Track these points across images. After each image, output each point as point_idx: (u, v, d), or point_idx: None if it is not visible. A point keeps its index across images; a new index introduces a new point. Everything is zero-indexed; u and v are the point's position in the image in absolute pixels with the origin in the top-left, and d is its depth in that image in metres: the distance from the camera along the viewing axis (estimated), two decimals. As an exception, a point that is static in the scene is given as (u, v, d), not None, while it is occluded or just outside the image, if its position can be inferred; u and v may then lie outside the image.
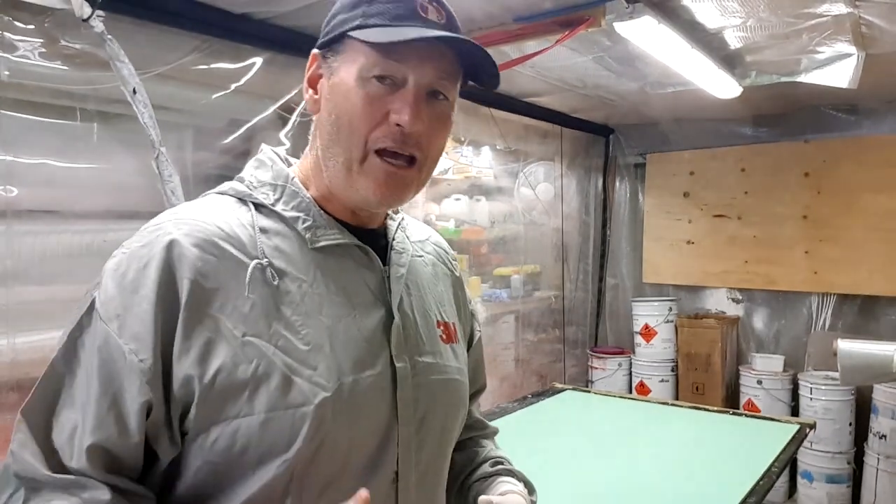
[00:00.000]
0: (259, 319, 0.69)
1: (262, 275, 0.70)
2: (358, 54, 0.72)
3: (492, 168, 3.72)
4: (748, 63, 2.70)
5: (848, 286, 3.61)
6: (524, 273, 3.82)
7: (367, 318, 0.76)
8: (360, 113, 0.72)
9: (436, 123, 0.75)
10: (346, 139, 0.73)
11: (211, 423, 0.67)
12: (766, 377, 3.68)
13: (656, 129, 4.18)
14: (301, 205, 0.76)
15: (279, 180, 0.78)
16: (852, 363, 2.11)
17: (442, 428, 0.82)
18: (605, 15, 2.06)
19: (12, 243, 1.75)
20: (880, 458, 3.24)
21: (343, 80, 0.73)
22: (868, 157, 3.52)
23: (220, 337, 0.67)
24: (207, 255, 0.69)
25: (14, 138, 1.75)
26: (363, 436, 0.73)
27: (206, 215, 0.72)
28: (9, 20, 1.70)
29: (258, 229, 0.73)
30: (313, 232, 0.75)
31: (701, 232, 4.07)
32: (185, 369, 0.66)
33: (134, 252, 0.69)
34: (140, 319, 0.66)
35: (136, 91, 1.77)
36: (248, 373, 0.67)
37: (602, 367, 4.20)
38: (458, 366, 0.86)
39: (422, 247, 0.90)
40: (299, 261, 0.74)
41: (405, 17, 0.72)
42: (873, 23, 2.23)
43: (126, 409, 0.65)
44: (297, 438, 0.67)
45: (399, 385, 0.76)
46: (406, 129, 0.71)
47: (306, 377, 0.69)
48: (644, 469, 2.04)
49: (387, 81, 0.72)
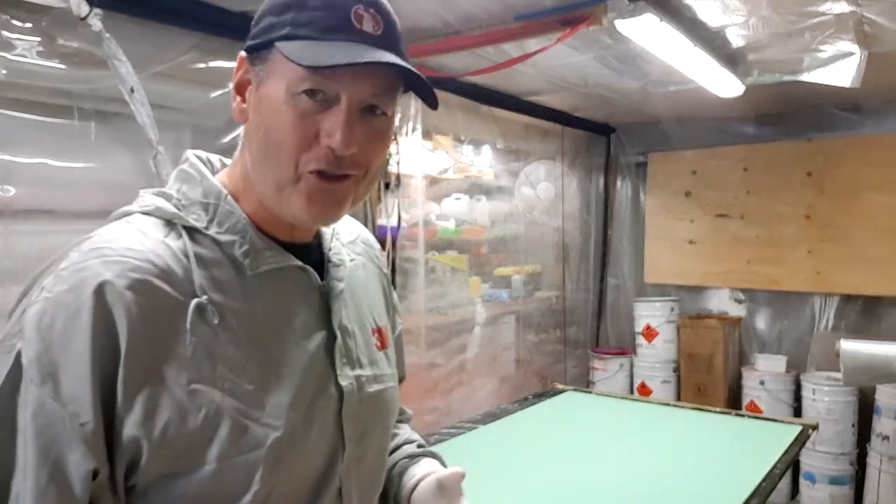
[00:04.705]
0: (203, 363, 0.64)
1: (203, 314, 0.65)
2: (287, 68, 0.66)
3: (492, 167, 3.71)
4: (750, 62, 2.69)
5: (851, 286, 3.59)
6: (525, 273, 3.81)
7: (309, 341, 0.73)
8: (289, 132, 0.66)
9: (373, 139, 0.69)
10: (275, 159, 0.67)
11: (160, 477, 0.63)
12: (769, 378, 3.67)
13: (658, 128, 4.17)
14: (237, 226, 0.70)
15: (210, 198, 0.71)
16: (855, 364, 2.09)
17: (380, 436, 0.83)
18: (607, 13, 2.05)
19: (9, 243, 1.74)
20: (883, 460, 3.23)
21: (271, 94, 0.67)
22: (871, 156, 3.50)
23: (165, 389, 0.62)
24: (143, 298, 0.62)
25: (11, 137, 1.74)
26: (313, 461, 0.72)
27: (135, 248, 0.64)
28: (6, 18, 1.69)
29: (193, 259, 0.67)
30: (252, 258, 0.70)
31: (703, 232, 4.06)
32: (130, 429, 0.61)
33: (59, 298, 0.61)
34: (76, 377, 0.59)
35: (133, 90, 1.77)
36: (197, 422, 0.63)
37: (603, 368, 4.18)
38: (392, 371, 0.85)
39: (353, 248, 0.87)
40: (237, 291, 0.69)
41: (337, 29, 0.66)
42: (876, 21, 2.22)
43: (69, 478, 0.60)
44: (253, 482, 0.65)
45: (345, 404, 0.75)
46: (338, 153, 0.66)
47: (256, 419, 0.66)
48: (646, 470, 2.03)
49: (318, 97, 0.66)
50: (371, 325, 0.85)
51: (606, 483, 1.94)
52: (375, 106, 0.69)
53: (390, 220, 2.75)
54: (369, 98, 0.68)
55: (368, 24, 0.67)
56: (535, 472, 2.02)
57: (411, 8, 2.17)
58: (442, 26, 2.33)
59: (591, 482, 1.95)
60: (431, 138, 3.17)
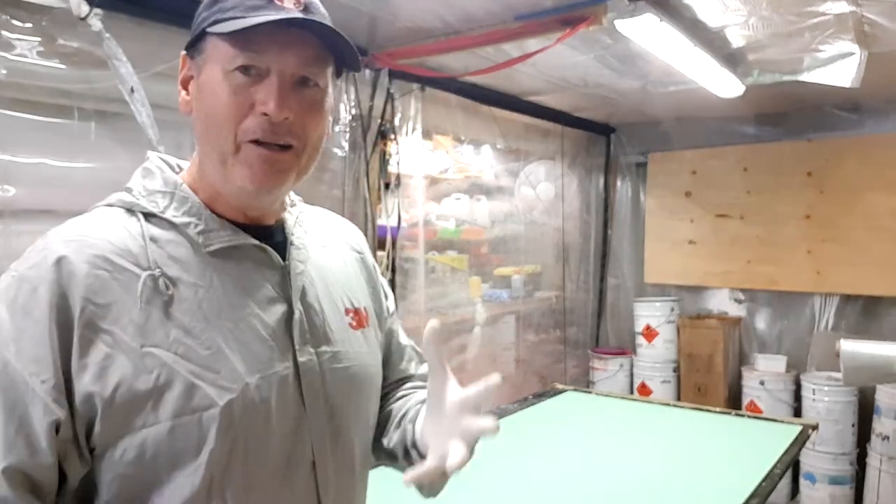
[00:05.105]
0: (157, 329, 0.69)
1: (155, 285, 0.71)
2: (218, 51, 0.73)
3: (492, 167, 3.71)
4: (750, 62, 2.69)
5: (851, 286, 3.59)
6: (525, 273, 3.81)
7: (268, 315, 0.77)
8: (226, 106, 0.72)
9: (308, 110, 0.75)
10: (216, 134, 0.73)
11: (117, 437, 0.68)
12: (769, 378, 3.67)
13: (658, 129, 4.17)
14: (192, 209, 0.77)
15: (168, 187, 0.78)
16: (855, 364, 2.09)
17: (356, 413, 0.85)
18: (607, 13, 2.05)
19: (9, 243, 1.74)
20: (883, 460, 3.23)
21: (209, 78, 0.74)
22: (871, 156, 3.50)
23: (118, 351, 0.67)
24: (98, 271, 0.69)
25: (11, 137, 1.74)
26: (276, 432, 0.74)
27: (93, 230, 0.72)
28: (6, 19, 1.69)
29: (148, 239, 0.73)
30: (206, 235, 0.76)
31: (703, 232, 4.06)
32: (85, 386, 0.66)
33: (23, 275, 0.69)
34: (36, 342, 0.66)
35: (134, 90, 1.77)
36: (149, 383, 0.67)
37: (603, 368, 4.18)
38: (369, 350, 0.88)
39: (326, 237, 0.91)
40: (194, 266, 0.74)
41: (259, 8, 0.72)
42: (876, 21, 2.22)
43: (34, 430, 0.65)
44: (207, 441, 0.69)
45: (303, 378, 0.77)
46: (273, 118, 0.72)
47: (210, 381, 0.70)
48: (646, 470, 2.03)
49: (251, 72, 0.72)
50: (345, 306, 0.87)
51: (606, 483, 1.94)
52: (307, 78, 0.75)
53: (390, 220, 2.75)
54: (299, 69, 0.74)
55: (289, 2, 0.73)
56: (535, 471, 2.02)
57: (411, 8, 2.17)
58: (442, 26, 2.33)
59: (591, 482, 1.95)
60: (431, 138, 3.17)
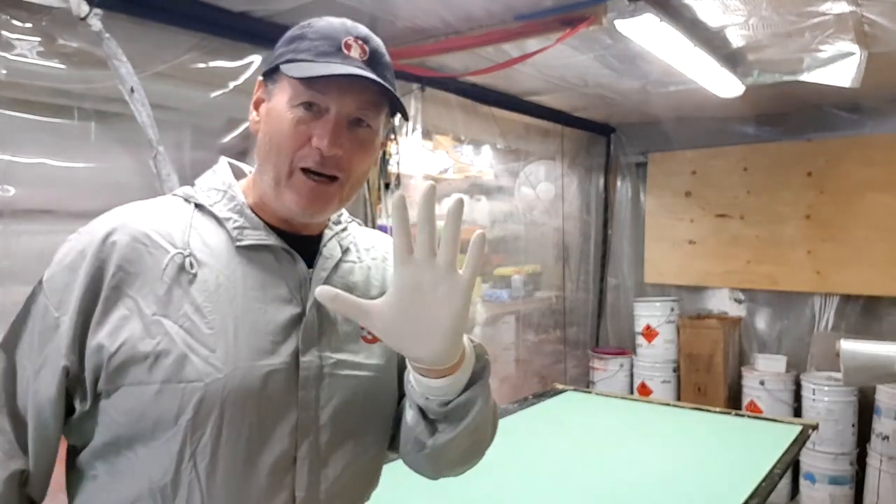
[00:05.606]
0: (171, 302, 0.79)
1: (182, 263, 0.80)
2: (289, 84, 0.82)
3: (492, 167, 3.71)
4: (750, 62, 2.69)
5: (851, 286, 3.59)
6: (525, 273, 3.81)
7: (279, 313, 0.83)
8: (287, 135, 0.82)
9: (358, 148, 0.84)
10: (275, 157, 0.83)
11: (116, 386, 0.77)
12: (769, 378, 3.67)
13: (658, 129, 4.17)
14: (235, 207, 0.87)
15: (223, 186, 0.89)
16: (855, 364, 2.09)
17: (357, 423, 0.88)
18: (607, 13, 2.05)
19: (9, 243, 1.75)
20: (883, 460, 3.23)
21: (276, 106, 0.83)
22: (871, 156, 3.51)
23: (134, 314, 0.78)
24: (136, 244, 0.80)
25: (11, 137, 1.75)
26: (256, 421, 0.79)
27: (145, 211, 0.84)
28: (6, 19, 1.69)
29: (191, 225, 0.84)
30: (241, 231, 0.85)
31: (703, 232, 4.06)
32: (98, 339, 0.77)
33: (78, 239, 0.81)
34: (71, 293, 0.78)
35: (133, 90, 1.77)
36: (149, 346, 0.76)
37: (603, 368, 4.18)
38: (378, 363, 0.90)
39: (363, 253, 0.97)
40: (223, 256, 0.83)
41: (328, 54, 0.82)
42: (875, 21, 2.22)
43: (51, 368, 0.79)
44: (185, 411, 0.76)
45: (301, 377, 0.83)
46: (325, 153, 0.81)
47: (203, 357, 0.77)
48: (646, 470, 2.03)
49: (313, 109, 0.81)
50: None
51: (606, 483, 1.94)
52: (361, 119, 0.84)
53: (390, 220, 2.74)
54: (355, 111, 0.83)
55: (356, 52, 0.83)
56: (535, 472, 2.02)
57: (411, 8, 2.17)
58: (442, 26, 2.33)
59: (591, 482, 1.95)
60: (431, 138, 3.17)
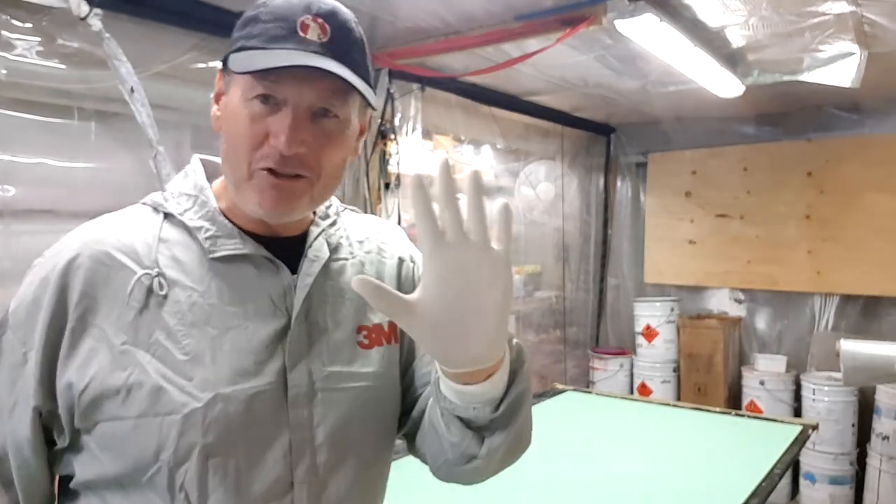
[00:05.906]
0: (141, 329, 0.72)
1: (150, 284, 0.73)
2: (242, 76, 0.72)
3: (492, 167, 3.71)
4: (750, 62, 2.69)
5: (851, 286, 3.59)
6: (525, 273, 3.81)
7: (261, 328, 0.75)
8: (243, 133, 0.73)
9: (325, 142, 0.74)
10: (234, 157, 0.74)
11: (94, 422, 0.72)
12: (769, 378, 3.67)
13: (658, 129, 4.17)
14: (207, 214, 0.78)
15: (194, 190, 0.80)
16: (855, 364, 2.09)
17: (357, 436, 0.81)
18: (607, 13, 2.05)
19: (9, 243, 1.74)
20: (883, 460, 3.23)
21: (232, 101, 0.75)
22: (871, 156, 3.51)
23: (103, 345, 0.71)
24: (99, 267, 0.73)
25: (11, 137, 1.75)
26: (242, 447, 0.73)
27: (110, 228, 0.76)
28: (6, 19, 1.69)
29: (159, 239, 0.76)
30: (213, 241, 0.76)
31: (703, 232, 4.06)
32: (67, 376, 0.71)
33: (44, 264, 0.75)
34: (36, 328, 0.72)
35: (133, 90, 1.77)
36: (119, 380, 0.70)
37: (603, 368, 4.18)
38: (376, 370, 0.82)
39: (357, 248, 0.88)
40: (195, 271, 0.75)
41: (280, 39, 0.72)
42: (875, 21, 2.22)
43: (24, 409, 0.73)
44: (166, 445, 0.70)
45: (290, 394, 0.75)
46: (283, 153, 0.71)
47: (179, 386, 0.71)
48: (646, 470, 2.03)
49: (270, 101, 0.72)
50: (359, 323, 0.83)
51: (606, 483, 1.94)
52: (327, 109, 0.73)
53: (390, 220, 2.75)
54: (317, 102, 0.72)
55: (313, 33, 0.72)
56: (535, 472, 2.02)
57: (411, 8, 2.17)
58: (442, 26, 2.33)
59: (591, 482, 1.95)
60: (431, 138, 3.17)
